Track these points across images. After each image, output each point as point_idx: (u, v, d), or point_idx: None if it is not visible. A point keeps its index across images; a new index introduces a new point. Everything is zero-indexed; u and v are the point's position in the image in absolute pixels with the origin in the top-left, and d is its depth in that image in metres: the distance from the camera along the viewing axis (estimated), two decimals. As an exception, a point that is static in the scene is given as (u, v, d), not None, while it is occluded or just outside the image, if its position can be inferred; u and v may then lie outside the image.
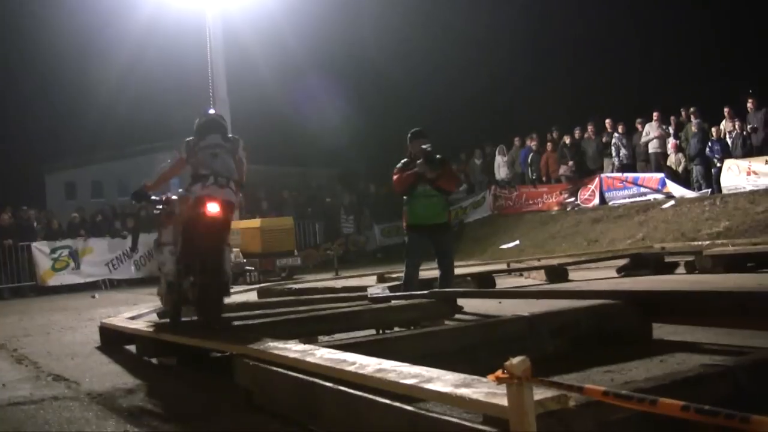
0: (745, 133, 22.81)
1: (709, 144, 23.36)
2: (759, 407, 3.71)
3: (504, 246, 25.15)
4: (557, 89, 31.87)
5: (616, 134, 25.78)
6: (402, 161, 10.55)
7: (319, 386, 4.53)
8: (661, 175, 24.24)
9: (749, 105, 22.89)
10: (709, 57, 31.41)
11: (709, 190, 23.21)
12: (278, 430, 4.84)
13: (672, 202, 22.80)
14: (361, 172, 35.59)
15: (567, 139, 26.86)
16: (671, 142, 24.60)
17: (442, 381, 3.64)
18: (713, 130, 23.49)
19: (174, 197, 9.19)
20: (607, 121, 26.51)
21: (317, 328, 8.35)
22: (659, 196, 23.89)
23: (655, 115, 25.01)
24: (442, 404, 3.96)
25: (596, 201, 25.42)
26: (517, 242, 25.03)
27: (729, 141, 23.16)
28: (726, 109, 23.44)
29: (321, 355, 4.85)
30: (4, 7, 36.44)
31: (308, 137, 37.54)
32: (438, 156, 10.46)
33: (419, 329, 7.76)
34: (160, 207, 9.24)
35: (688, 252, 15.21)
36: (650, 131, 24.95)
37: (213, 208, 8.31)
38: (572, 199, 26.11)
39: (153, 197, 9.29)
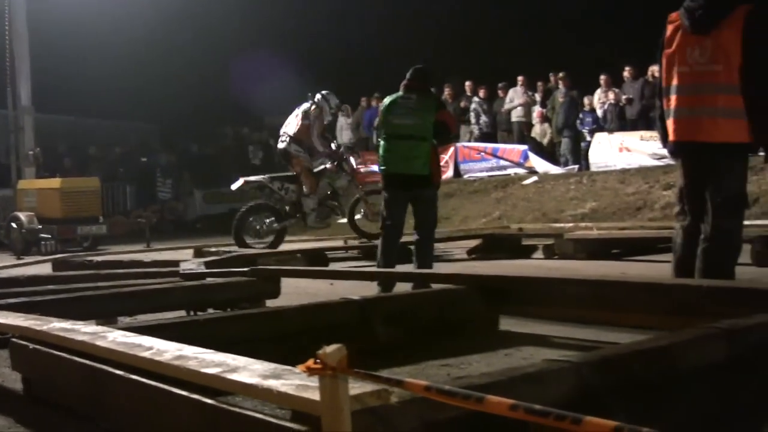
0: (620, 104, 23.38)
1: (580, 115, 23.89)
2: (605, 407, 3.82)
3: (343, 220, 25.16)
4: (409, 44, 31.94)
5: (475, 99, 26.11)
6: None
7: (107, 374, 4.44)
8: (525, 147, 24.71)
9: (626, 73, 23.47)
10: (583, 17, 31.97)
11: (577, 166, 23.79)
12: (57, 424, 4.75)
13: (534, 178, 23.30)
14: (182, 128, 35.08)
15: (420, 102, 26.98)
16: (537, 110, 25.07)
17: (248, 371, 3.60)
18: (585, 99, 24.01)
19: None
20: (467, 83, 26.80)
21: (118, 307, 8.21)
22: (521, 171, 24.39)
23: (520, 79, 25.45)
24: (253, 398, 3.94)
25: (450, 173, 25.73)
26: (360, 216, 25.10)
27: (601, 113, 23.71)
28: (603, 77, 23.96)
29: (114, 338, 4.74)
30: None
31: (125, 85, 36.65)
32: None
33: (235, 312, 7.73)
34: None
35: (548, 235, 15.58)
36: (514, 98, 25.38)
37: None
38: (423, 171, 26.33)
39: None
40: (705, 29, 7.13)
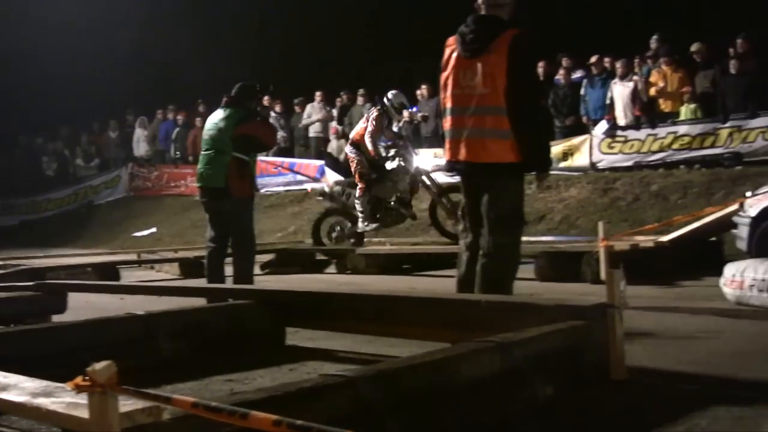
0: (415, 122, 23.69)
1: (377, 132, 24.12)
2: (380, 421, 3.90)
3: (138, 233, 24.97)
4: (215, 54, 31.73)
5: (273, 113, 26.13)
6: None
7: None
8: (321, 162, 24.83)
9: (421, 92, 23.84)
10: (379, 34, 32.26)
11: (372, 182, 24.00)
12: None
13: (331, 194, 23.43)
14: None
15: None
16: (332, 126, 25.23)
17: (19, 389, 3.54)
18: (381, 116, 24.26)
19: None
20: (266, 99, 26.77)
21: None
22: (317, 186, 24.45)
23: (318, 95, 25.55)
24: (25, 417, 3.87)
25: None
26: (154, 230, 24.95)
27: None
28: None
29: None
30: None
31: None
32: None
33: (15, 327, 7.54)
34: None
35: (341, 249, 15.71)
36: (312, 113, 25.46)
37: None
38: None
39: None
40: (475, 53, 7.37)
